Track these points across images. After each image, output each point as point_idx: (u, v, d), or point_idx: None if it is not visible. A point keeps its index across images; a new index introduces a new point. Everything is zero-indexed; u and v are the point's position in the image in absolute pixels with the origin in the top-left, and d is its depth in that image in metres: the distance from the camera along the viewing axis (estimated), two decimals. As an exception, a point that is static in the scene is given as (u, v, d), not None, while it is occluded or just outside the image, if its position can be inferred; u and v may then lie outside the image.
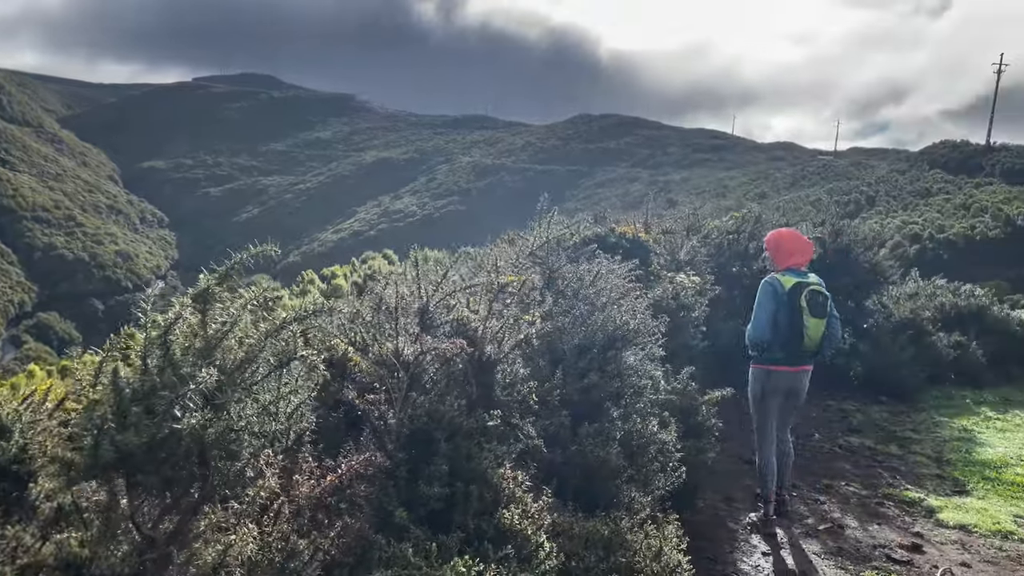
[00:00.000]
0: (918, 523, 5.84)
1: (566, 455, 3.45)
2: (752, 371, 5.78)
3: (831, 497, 6.30)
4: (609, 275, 4.65)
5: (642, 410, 4.12)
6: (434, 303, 2.71)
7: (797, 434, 8.07)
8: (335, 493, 2.38)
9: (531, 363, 3.65)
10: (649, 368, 4.43)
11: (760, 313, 5.50)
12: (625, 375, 4.04)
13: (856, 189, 66.22)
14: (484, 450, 2.64)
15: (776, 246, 5.78)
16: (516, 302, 3.78)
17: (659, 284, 6.63)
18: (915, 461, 7.45)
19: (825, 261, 10.45)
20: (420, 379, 2.57)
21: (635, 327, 4.09)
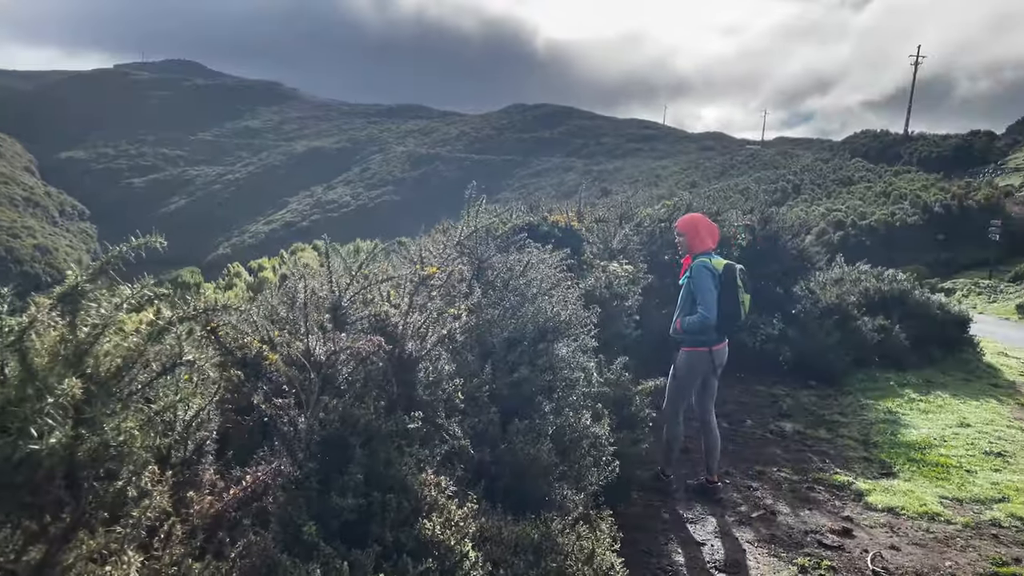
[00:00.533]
0: (848, 507, 5.89)
1: (495, 454, 3.30)
2: (692, 354, 5.81)
3: (763, 483, 6.32)
4: (540, 265, 4.51)
5: (575, 403, 4.00)
6: (348, 298, 2.53)
7: (730, 421, 8.12)
8: (239, 508, 2.18)
9: (458, 358, 3.48)
10: (582, 360, 4.31)
11: (708, 296, 5.59)
12: (557, 368, 3.90)
13: (783, 178, 67.77)
14: (405, 455, 2.47)
15: (694, 230, 5.89)
16: (442, 295, 3.60)
17: (592, 273, 6.53)
18: (843, 444, 7.55)
19: (755, 248, 10.56)
20: (333, 380, 2.38)
21: (566, 318, 3.96)
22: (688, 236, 5.88)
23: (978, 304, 29.75)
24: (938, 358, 11.85)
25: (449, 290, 3.78)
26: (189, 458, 2.21)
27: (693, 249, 5.85)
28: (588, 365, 4.95)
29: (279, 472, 2.23)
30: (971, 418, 8.65)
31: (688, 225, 5.92)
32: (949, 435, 7.93)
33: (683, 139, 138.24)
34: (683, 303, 5.87)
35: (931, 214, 41.89)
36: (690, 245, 5.86)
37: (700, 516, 5.55)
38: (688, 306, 5.78)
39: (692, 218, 6.03)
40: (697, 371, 5.85)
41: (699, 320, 5.58)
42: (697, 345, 5.76)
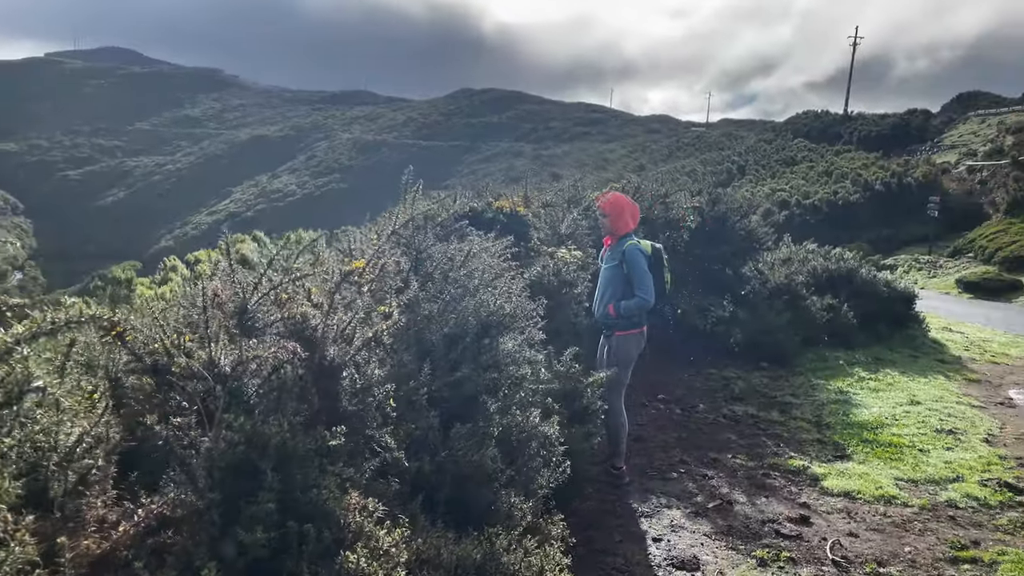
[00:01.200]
0: (804, 493, 5.78)
1: (436, 463, 3.04)
2: (628, 338, 5.76)
3: (719, 471, 6.17)
4: (483, 254, 4.24)
5: (523, 401, 3.75)
6: (256, 299, 2.23)
7: (682, 406, 7.99)
8: (132, 547, 1.88)
9: (393, 359, 3.21)
10: (529, 354, 4.06)
11: (647, 279, 5.57)
12: (502, 365, 3.65)
13: (728, 159, 68.40)
14: (328, 475, 2.19)
15: (619, 211, 5.81)
16: (374, 291, 3.32)
17: (539, 260, 6.29)
18: (797, 427, 7.47)
19: (704, 230, 10.44)
20: (241, 394, 2.09)
21: (511, 311, 3.70)
22: (612, 217, 5.80)
23: (919, 280, 30.37)
24: (885, 335, 11.92)
25: (382, 285, 3.49)
26: (71, 491, 1.89)
27: (617, 230, 5.79)
28: (537, 358, 4.72)
29: (179, 503, 1.93)
30: (920, 395, 8.66)
31: (613, 206, 5.83)
32: (900, 413, 7.91)
33: (630, 122, 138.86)
34: (612, 287, 5.76)
35: (872, 192, 42.62)
36: (614, 226, 5.79)
37: (656, 509, 5.37)
38: (620, 289, 5.68)
39: (617, 199, 5.96)
40: (634, 354, 5.80)
41: (638, 304, 5.55)
42: (631, 328, 5.72)
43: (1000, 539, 5.01)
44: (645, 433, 7.06)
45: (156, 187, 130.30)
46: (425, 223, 4.21)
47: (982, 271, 27.89)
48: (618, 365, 5.71)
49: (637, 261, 5.54)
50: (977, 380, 9.96)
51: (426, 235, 4.13)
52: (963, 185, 42.69)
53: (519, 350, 3.92)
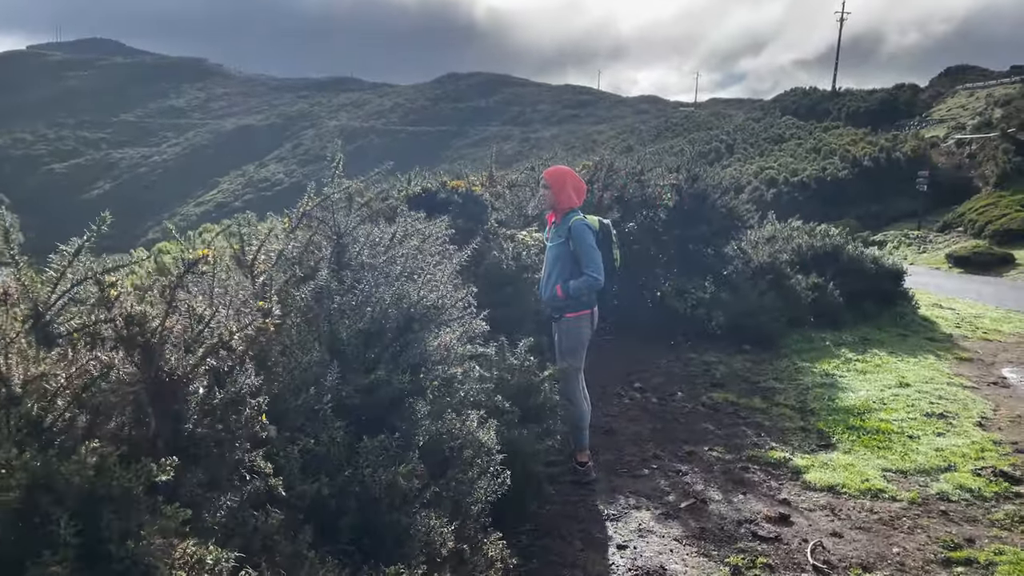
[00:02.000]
0: (784, 488, 5.36)
1: (337, 484, 2.59)
2: (579, 320, 5.31)
3: (694, 466, 5.75)
4: (414, 237, 3.78)
5: (460, 403, 3.31)
6: (58, 297, 1.78)
7: (659, 395, 7.57)
8: None
9: (292, 361, 2.75)
10: (467, 349, 3.62)
11: (595, 256, 5.15)
12: (429, 363, 3.20)
13: (716, 138, 67.83)
14: (163, 517, 1.74)
15: (561, 183, 5.35)
16: (268, 282, 2.86)
17: (496, 243, 5.83)
18: (779, 414, 7.05)
19: (682, 208, 9.99)
20: (37, 421, 1.64)
21: (438, 301, 3.25)
22: (554, 189, 5.34)
23: (909, 255, 30.05)
24: (873, 314, 11.53)
25: (287, 272, 3.03)
26: None
27: (560, 204, 5.33)
28: (484, 352, 4.29)
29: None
30: (910, 377, 8.26)
31: (556, 177, 5.39)
32: (888, 397, 7.50)
33: (618, 103, 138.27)
34: (559, 266, 5.30)
35: (860, 168, 42.22)
36: (556, 199, 5.34)
37: (623, 511, 4.94)
38: (568, 268, 5.25)
39: (560, 170, 5.51)
40: (586, 336, 5.36)
41: (587, 283, 5.11)
42: (581, 308, 5.29)
43: (996, 536, 4.61)
44: (617, 425, 6.64)
45: (142, 179, 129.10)
46: (350, 203, 3.74)
47: (972, 245, 27.55)
48: (571, 350, 5.31)
49: (584, 237, 5.12)
50: (969, 359, 9.57)
51: (349, 216, 3.66)
52: (952, 159, 42.35)
53: (454, 346, 3.47)
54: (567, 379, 5.29)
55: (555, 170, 5.47)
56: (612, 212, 9.24)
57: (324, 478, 2.57)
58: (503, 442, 4.06)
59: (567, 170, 5.52)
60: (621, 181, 9.39)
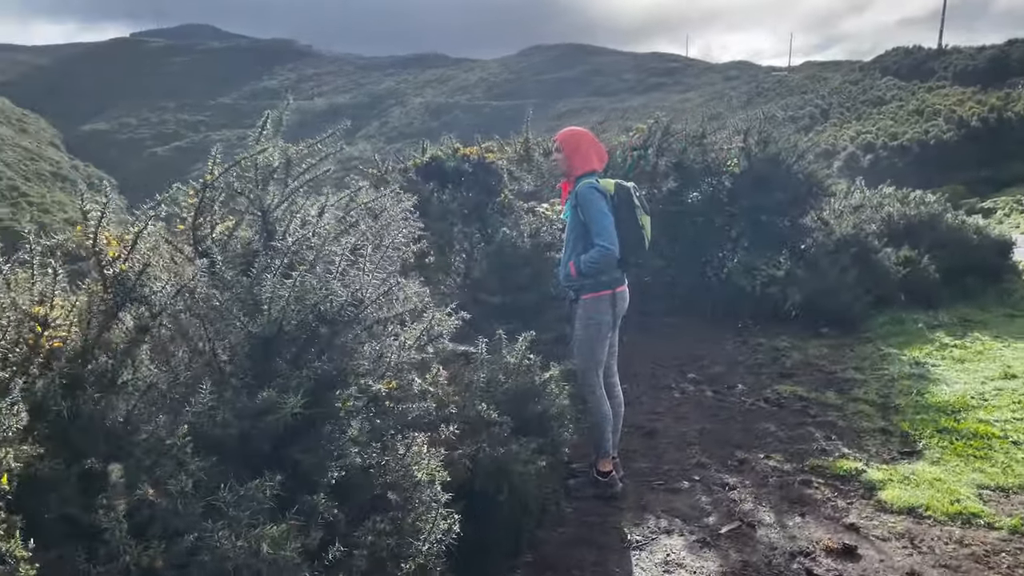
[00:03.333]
0: (853, 509, 4.44)
1: (178, 551, 1.90)
2: (597, 302, 4.46)
3: (744, 477, 4.88)
4: (348, 213, 3.05)
5: (386, 427, 2.58)
6: None
7: (716, 388, 6.66)
8: None
9: (141, 378, 2.07)
10: (410, 356, 2.87)
11: (604, 223, 4.31)
12: (350, 376, 2.47)
13: (810, 103, 64.55)
14: None
15: (576, 146, 4.54)
16: (120, 275, 2.18)
17: (510, 219, 5.06)
18: (856, 412, 6.06)
19: (753, 174, 8.94)
20: None
21: (359, 295, 2.51)
22: (567, 151, 4.53)
23: (1022, 223, 27.59)
24: (976, 291, 10.18)
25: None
26: None
27: (574, 169, 4.53)
28: (472, 351, 3.55)
29: None
30: (1018, 367, 7.06)
31: (570, 140, 4.57)
32: (990, 392, 6.38)
33: (707, 70, 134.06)
34: (573, 240, 4.51)
35: (968, 129, 39.13)
36: (570, 164, 4.53)
37: (650, 536, 4.14)
38: (580, 242, 4.44)
39: (574, 131, 4.68)
40: (606, 322, 4.49)
41: (599, 255, 4.27)
42: (599, 289, 4.44)
43: None
44: (661, 425, 5.80)
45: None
46: (287, 172, 3.03)
47: (1096, 211, 24.97)
48: (585, 339, 4.48)
49: (591, 200, 4.30)
50: (1091, 343, 8.25)
51: (283, 187, 2.96)
52: (1073, 117, 38.77)
53: (401, 350, 2.73)
54: (582, 374, 4.50)
55: (569, 132, 4.68)
56: (668, 180, 8.31)
57: (158, 544, 1.89)
58: (489, 461, 3.33)
59: (582, 132, 4.71)
60: (679, 145, 8.43)
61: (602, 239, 4.24)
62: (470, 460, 3.27)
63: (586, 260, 4.30)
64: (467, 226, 5.09)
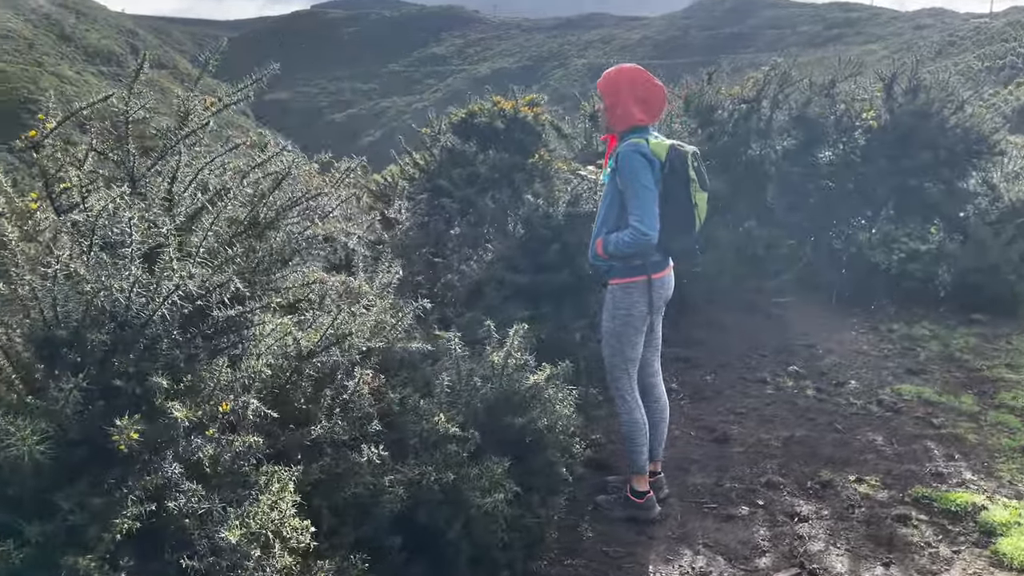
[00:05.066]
0: (959, 561, 3.43)
1: None
2: (626, 290, 3.61)
3: (823, 505, 3.94)
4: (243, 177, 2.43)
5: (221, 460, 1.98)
6: None
7: (819, 384, 5.64)
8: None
9: None
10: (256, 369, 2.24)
11: (645, 199, 3.43)
12: (146, 395, 1.90)
13: (1012, 52, 57.56)
14: None
15: (615, 92, 3.58)
16: None
17: (546, 184, 4.30)
18: (996, 423, 4.89)
19: (893, 130, 7.60)
20: None
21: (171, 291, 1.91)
22: (607, 101, 3.61)
23: None
24: None
25: None
26: None
27: (615, 124, 3.61)
28: (441, 349, 2.92)
29: None
30: None
31: (610, 83, 3.62)
32: None
33: (893, 19, 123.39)
34: (606, 211, 3.64)
35: None
36: (611, 113, 3.61)
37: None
38: (615, 216, 3.59)
39: (617, 72, 3.66)
40: (638, 315, 3.62)
41: (632, 238, 3.41)
42: (632, 275, 3.59)
43: None
44: (738, 428, 4.88)
45: (405, 127, 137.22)
46: (183, 122, 2.47)
47: None
48: (612, 332, 3.66)
49: (632, 168, 3.41)
50: None
51: (178, 148, 2.40)
52: None
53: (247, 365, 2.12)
54: (613, 372, 3.72)
55: (611, 74, 3.68)
56: (785, 137, 7.16)
57: None
58: (438, 489, 2.69)
59: (631, 70, 3.68)
60: (802, 96, 7.22)
61: (638, 219, 3.37)
62: (407, 487, 2.63)
63: (616, 241, 3.48)
64: (498, 192, 4.39)
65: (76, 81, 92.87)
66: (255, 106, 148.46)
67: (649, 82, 3.64)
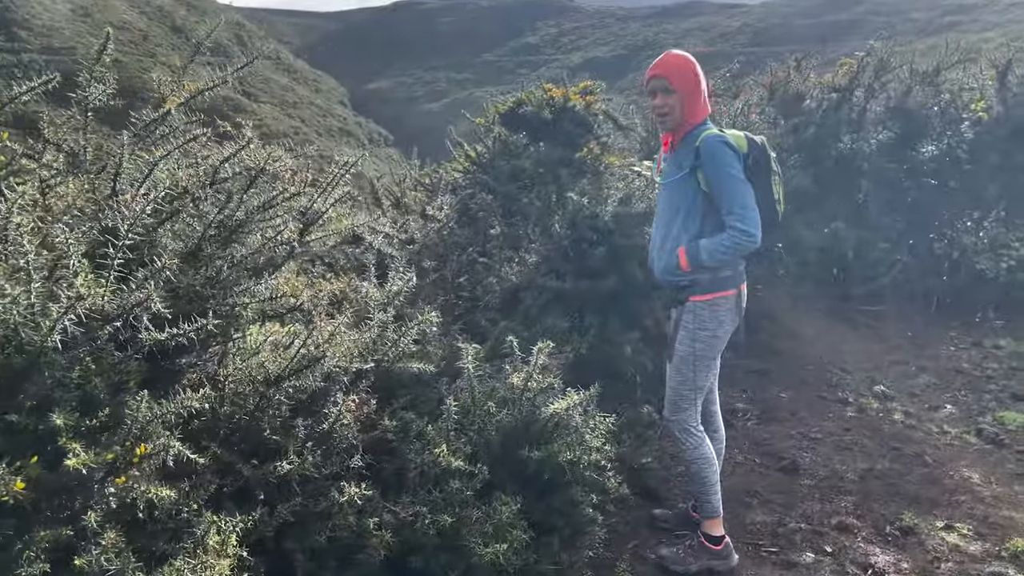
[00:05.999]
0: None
1: None
2: (709, 307, 3.13)
3: (902, 556, 3.42)
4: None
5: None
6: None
7: (907, 410, 5.05)
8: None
9: None
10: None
11: (744, 193, 3.00)
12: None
13: None
14: None
15: (693, 80, 3.11)
16: None
17: (596, 180, 3.89)
18: (1120, 465, 4.21)
19: (1006, 122, 6.82)
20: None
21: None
22: (683, 90, 3.08)
23: None
24: None
25: None
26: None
27: (691, 116, 3.12)
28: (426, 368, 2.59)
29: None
30: None
31: (684, 71, 3.10)
32: None
33: (1013, 5, 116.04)
34: (680, 216, 3.14)
35: None
36: (686, 109, 3.10)
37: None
38: (699, 219, 3.09)
39: (684, 59, 3.13)
40: (723, 335, 3.18)
41: (733, 242, 2.96)
42: (720, 288, 3.12)
43: None
44: (810, 458, 4.36)
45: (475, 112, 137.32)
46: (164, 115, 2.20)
47: None
48: (688, 358, 3.15)
49: (725, 162, 2.97)
50: None
51: (121, 141, 2.15)
52: None
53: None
54: (674, 404, 3.23)
55: (680, 61, 3.13)
56: (880, 130, 6.49)
57: None
58: (435, 532, 2.36)
59: (689, 57, 3.17)
60: (901, 84, 6.53)
61: (739, 218, 2.93)
62: (397, 531, 2.30)
63: (711, 248, 3.00)
64: (543, 189, 4.00)
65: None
66: (356, 95, 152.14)
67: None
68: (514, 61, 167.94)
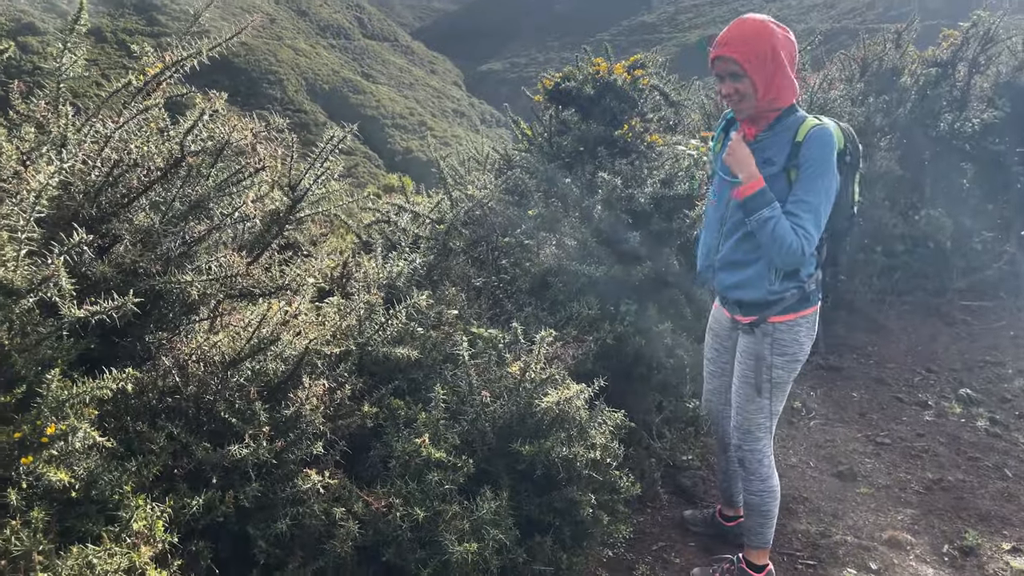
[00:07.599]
0: None
1: None
2: (791, 328, 2.71)
3: (962, 572, 3.08)
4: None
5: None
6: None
7: (1000, 412, 4.62)
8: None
9: None
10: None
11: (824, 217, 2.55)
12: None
13: None
14: None
15: (777, 54, 2.49)
16: None
17: (638, 161, 3.66)
18: None
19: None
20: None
21: None
22: (757, 73, 2.50)
23: None
24: None
25: None
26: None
27: (781, 99, 2.56)
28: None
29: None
30: None
31: (756, 48, 2.48)
32: None
33: None
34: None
35: None
36: (767, 93, 2.53)
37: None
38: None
39: (764, 27, 2.51)
40: (803, 356, 2.78)
41: (791, 251, 2.50)
42: (802, 307, 2.70)
43: None
44: (871, 464, 4.02)
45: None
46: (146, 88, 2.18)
47: None
48: (775, 384, 2.78)
49: (828, 164, 2.52)
50: None
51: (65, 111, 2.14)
52: None
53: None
54: (746, 432, 2.87)
55: (749, 35, 2.52)
56: (986, 109, 5.90)
57: None
58: (409, 528, 2.28)
59: (773, 28, 2.53)
60: (1013, 58, 5.90)
61: (813, 223, 2.50)
62: (367, 523, 2.21)
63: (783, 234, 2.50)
64: (580, 169, 3.80)
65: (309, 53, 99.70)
66: (471, 77, 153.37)
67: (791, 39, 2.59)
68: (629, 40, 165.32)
